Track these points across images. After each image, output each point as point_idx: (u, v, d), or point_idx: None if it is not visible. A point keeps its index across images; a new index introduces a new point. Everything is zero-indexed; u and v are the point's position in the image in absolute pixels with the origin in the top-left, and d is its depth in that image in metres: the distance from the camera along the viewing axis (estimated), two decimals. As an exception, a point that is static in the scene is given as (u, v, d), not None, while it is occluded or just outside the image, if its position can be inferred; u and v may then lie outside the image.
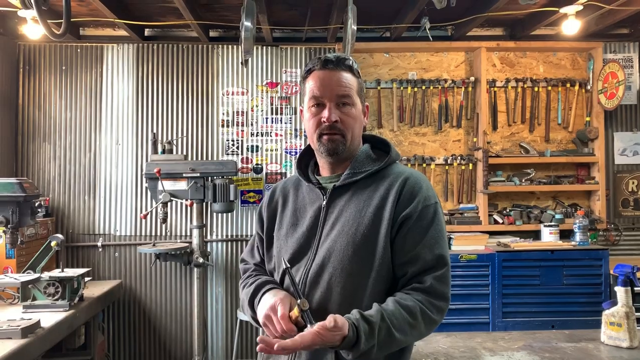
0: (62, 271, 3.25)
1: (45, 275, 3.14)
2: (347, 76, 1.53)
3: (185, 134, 4.36)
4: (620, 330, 2.15)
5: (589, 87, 4.48)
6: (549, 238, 4.19)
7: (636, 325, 2.17)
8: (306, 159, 1.68)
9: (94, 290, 3.73)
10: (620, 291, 2.18)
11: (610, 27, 4.40)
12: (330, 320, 1.26)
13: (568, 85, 4.49)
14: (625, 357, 2.04)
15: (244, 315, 3.67)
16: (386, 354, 1.44)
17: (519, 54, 4.53)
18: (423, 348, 2.16)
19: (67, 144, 4.31)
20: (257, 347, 1.31)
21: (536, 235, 4.36)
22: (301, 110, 1.61)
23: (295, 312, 1.36)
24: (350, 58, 1.57)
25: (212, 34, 4.45)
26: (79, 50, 4.34)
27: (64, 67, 4.32)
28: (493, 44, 4.42)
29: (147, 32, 4.43)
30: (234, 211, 4.25)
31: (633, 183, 4.58)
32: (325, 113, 1.50)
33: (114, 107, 4.34)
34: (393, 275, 1.46)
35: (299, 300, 1.34)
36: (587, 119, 4.50)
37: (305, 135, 4.40)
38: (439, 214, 1.49)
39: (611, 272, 3.94)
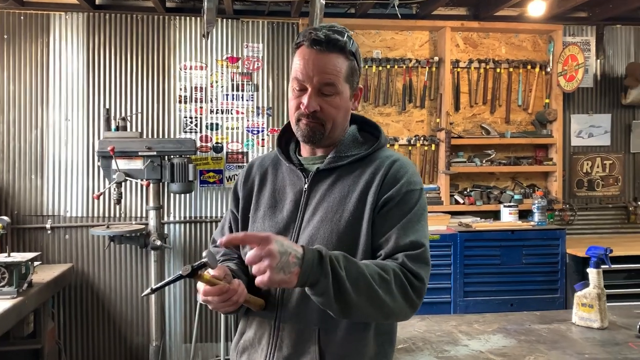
0: (9, 256, 3.06)
1: (-9, 260, 2.93)
2: (336, 61, 1.39)
3: (140, 110, 4.14)
4: (592, 311, 2.18)
5: (548, 69, 4.53)
6: (508, 218, 4.26)
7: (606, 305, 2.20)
8: (287, 136, 1.57)
9: (43, 275, 3.52)
10: (592, 273, 2.21)
11: (570, 10, 4.46)
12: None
13: (529, 67, 4.53)
14: (597, 338, 2.08)
15: (204, 299, 3.55)
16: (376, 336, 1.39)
17: (482, 34, 4.52)
18: (400, 333, 2.10)
19: (11, 120, 4.01)
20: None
21: (495, 215, 4.42)
22: None
23: (201, 283, 1.28)
24: (344, 36, 1.40)
25: (168, 4, 4.21)
26: (22, 17, 4.02)
27: (5, 36, 3.99)
28: (458, 24, 4.39)
29: (98, 0, 4.15)
30: (193, 192, 4.09)
31: (587, 164, 4.70)
32: (305, 100, 1.38)
33: (63, 80, 4.06)
34: None
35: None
36: (546, 101, 4.56)
37: (268, 114, 4.27)
38: (422, 201, 1.42)
39: (567, 251, 4.05)
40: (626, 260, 3.88)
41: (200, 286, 1.29)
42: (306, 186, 1.45)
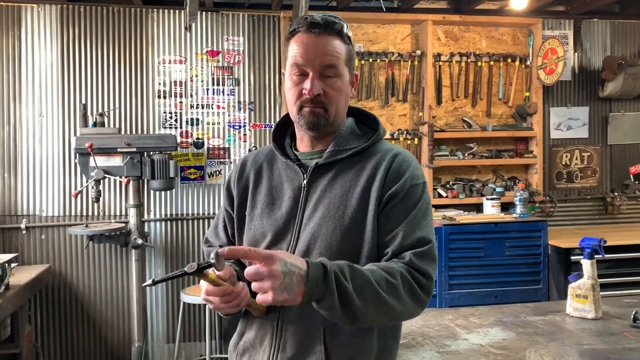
0: (-16, 258, 2.93)
1: (-34, 263, 2.80)
2: (336, 43, 1.37)
3: (118, 106, 4.02)
4: (586, 302, 2.19)
5: (528, 63, 4.57)
6: (491, 211, 4.28)
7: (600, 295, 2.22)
8: (282, 132, 1.53)
9: (20, 277, 3.39)
10: (586, 264, 2.22)
11: (549, 4, 4.49)
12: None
13: (509, 60, 4.56)
14: (593, 328, 2.09)
15: (187, 298, 3.48)
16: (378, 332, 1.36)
17: (462, 28, 4.53)
18: (398, 328, 2.10)
19: (-19, 116, 3.86)
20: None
21: (478, 208, 4.44)
22: (283, 74, 1.45)
23: (204, 282, 1.22)
24: (341, 21, 1.40)
25: (146, -4, 4.10)
26: (-9, 9, 3.87)
27: (-26, 29, 3.84)
28: (439, 17, 4.38)
29: (71, -9, 4.02)
30: (174, 189, 4.00)
31: (566, 157, 4.76)
32: (307, 84, 1.34)
33: (36, 75, 3.92)
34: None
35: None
36: (527, 94, 4.60)
37: (250, 108, 4.20)
38: (425, 194, 1.40)
39: (549, 242, 4.09)
40: (606, 251, 3.92)
41: (203, 285, 1.25)
42: (305, 182, 1.40)
